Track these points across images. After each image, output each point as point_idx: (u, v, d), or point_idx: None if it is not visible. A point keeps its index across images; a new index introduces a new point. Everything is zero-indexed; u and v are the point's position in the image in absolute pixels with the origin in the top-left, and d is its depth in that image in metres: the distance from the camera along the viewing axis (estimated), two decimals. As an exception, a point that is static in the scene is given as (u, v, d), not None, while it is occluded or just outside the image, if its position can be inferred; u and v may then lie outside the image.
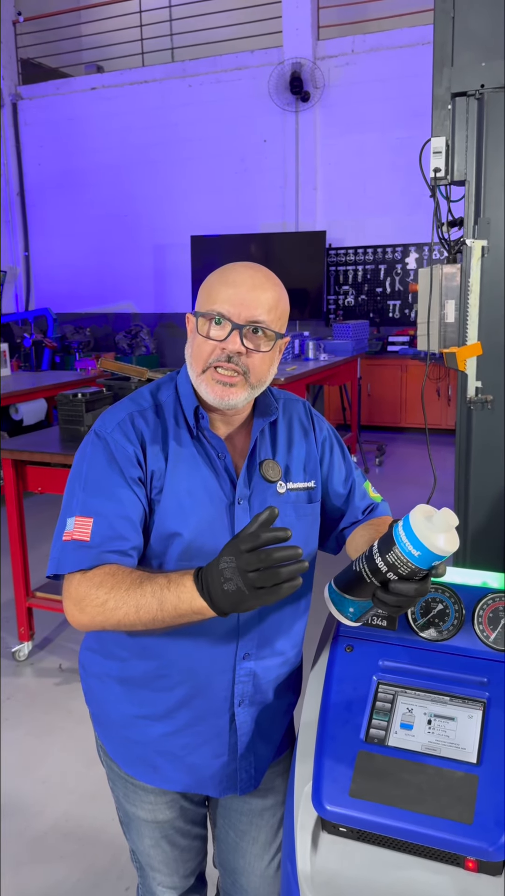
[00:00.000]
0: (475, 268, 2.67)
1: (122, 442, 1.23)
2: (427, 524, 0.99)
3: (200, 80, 8.99)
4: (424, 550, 0.98)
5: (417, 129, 4.86)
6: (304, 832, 1.13)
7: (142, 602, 1.09)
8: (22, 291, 10.44)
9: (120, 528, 1.18)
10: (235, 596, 0.99)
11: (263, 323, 1.22)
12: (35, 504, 5.16)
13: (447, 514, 0.99)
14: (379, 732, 1.15)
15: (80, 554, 1.17)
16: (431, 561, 0.99)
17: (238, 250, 8.35)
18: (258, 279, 1.23)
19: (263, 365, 1.24)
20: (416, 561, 0.99)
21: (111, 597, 1.11)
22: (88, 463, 1.24)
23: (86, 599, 1.13)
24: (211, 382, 1.23)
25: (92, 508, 1.19)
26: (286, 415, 1.39)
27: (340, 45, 8.32)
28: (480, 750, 1.11)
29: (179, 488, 1.24)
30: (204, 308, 1.23)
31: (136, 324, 9.74)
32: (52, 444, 3.47)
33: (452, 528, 0.99)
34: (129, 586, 1.11)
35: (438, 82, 2.64)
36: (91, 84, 9.65)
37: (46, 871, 2.28)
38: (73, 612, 1.16)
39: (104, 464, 1.22)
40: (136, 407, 1.28)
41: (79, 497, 1.22)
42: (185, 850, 1.48)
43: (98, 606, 1.12)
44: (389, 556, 1.01)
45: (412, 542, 0.99)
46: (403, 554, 1.00)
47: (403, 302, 8.66)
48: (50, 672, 3.41)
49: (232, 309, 1.20)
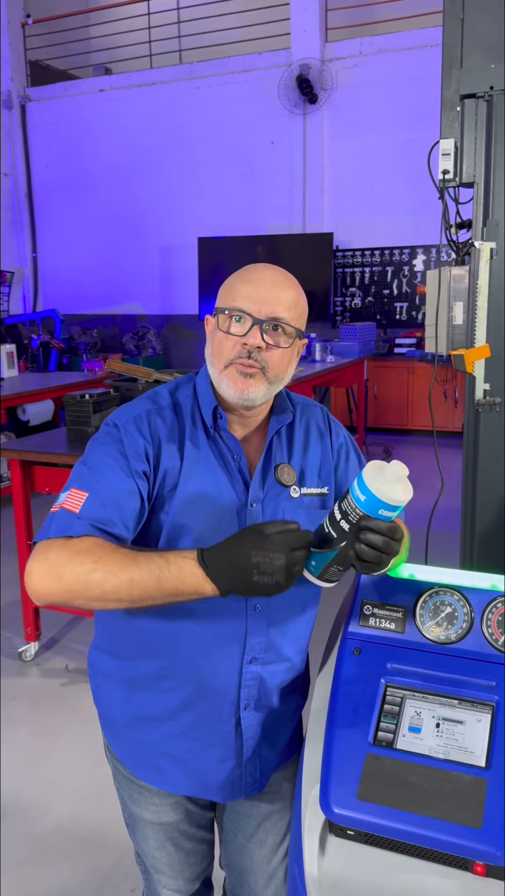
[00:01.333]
0: (484, 270, 2.67)
1: (135, 435, 1.23)
2: (376, 474, 1.05)
3: (208, 82, 9.00)
4: (368, 495, 1.04)
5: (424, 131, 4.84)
6: (311, 835, 1.13)
7: (136, 578, 1.07)
8: (29, 292, 10.47)
9: (112, 513, 1.17)
10: (269, 589, 1.05)
11: (282, 320, 1.23)
12: (42, 504, 5.15)
13: (396, 466, 1.06)
14: (387, 735, 1.14)
15: (67, 521, 1.15)
16: (378, 507, 1.04)
17: (245, 252, 8.35)
18: (279, 278, 1.26)
19: (281, 361, 1.25)
20: (361, 506, 1.05)
21: (99, 567, 1.08)
22: (99, 447, 1.24)
23: (66, 565, 1.09)
24: (234, 375, 1.23)
25: (88, 485, 1.18)
26: (303, 419, 1.39)
27: (347, 47, 8.32)
28: (489, 754, 1.10)
29: (193, 488, 1.24)
30: (225, 305, 1.24)
31: (143, 325, 9.75)
32: (59, 444, 3.47)
33: (401, 478, 1.05)
34: (122, 561, 1.09)
35: (446, 84, 2.64)
36: (99, 86, 9.68)
37: (51, 872, 2.28)
38: (46, 576, 1.10)
39: (113, 451, 1.22)
40: (154, 405, 1.29)
41: (80, 472, 1.21)
42: (191, 853, 1.47)
43: (82, 575, 1.08)
44: (342, 504, 1.08)
45: (361, 489, 1.05)
46: (353, 500, 1.06)
47: (409, 304, 8.64)
48: (56, 672, 3.41)
49: (253, 305, 1.22)
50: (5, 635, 3.75)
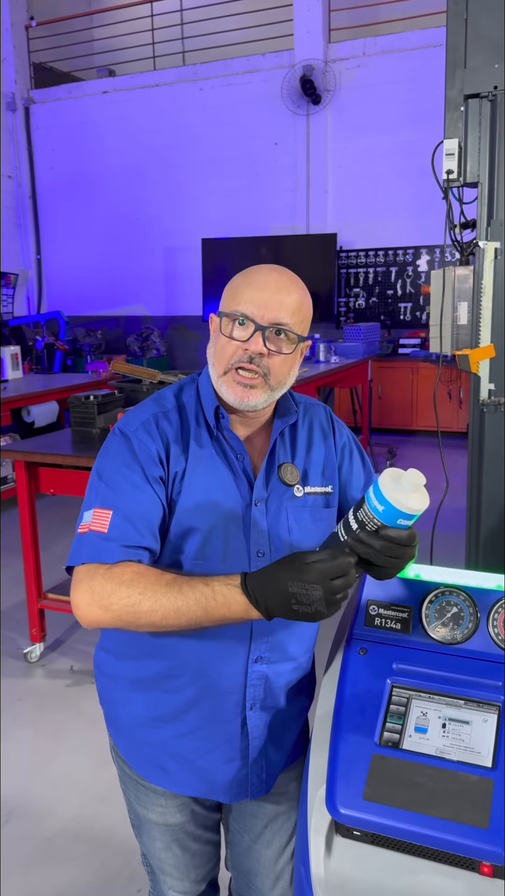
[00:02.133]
0: (488, 270, 2.66)
1: (146, 440, 1.23)
2: (393, 483, 1.04)
3: (212, 84, 9.01)
4: (387, 506, 1.03)
5: (428, 132, 4.84)
6: (317, 835, 1.13)
7: (183, 608, 1.10)
8: (34, 294, 10.49)
9: (138, 525, 1.18)
10: (311, 617, 1.05)
11: (286, 325, 1.23)
12: (47, 506, 5.17)
13: (413, 474, 1.05)
14: (393, 736, 1.14)
15: (99, 545, 1.17)
16: (396, 518, 1.04)
17: (249, 253, 8.36)
18: (283, 282, 1.25)
19: (283, 367, 1.25)
20: (380, 516, 1.04)
21: (146, 598, 1.11)
22: (111, 458, 1.24)
23: (113, 597, 1.12)
24: (232, 384, 1.23)
25: (111, 501, 1.19)
26: (306, 419, 1.39)
27: (351, 48, 8.33)
28: (495, 754, 1.10)
29: (197, 488, 1.24)
30: (228, 308, 1.24)
31: (147, 326, 9.76)
32: (64, 446, 3.48)
33: (418, 487, 1.04)
34: (166, 590, 1.11)
35: (450, 84, 2.64)
36: (103, 88, 9.69)
37: (56, 874, 2.28)
38: (93, 606, 1.14)
39: (127, 460, 1.22)
40: (160, 408, 1.29)
41: (99, 490, 1.22)
42: (197, 854, 1.47)
43: (130, 606, 1.11)
44: (359, 514, 1.07)
45: (378, 498, 1.04)
46: (370, 510, 1.05)
47: (413, 304, 8.64)
48: (61, 673, 3.41)
49: (256, 311, 1.21)
50: (10, 636, 3.76)
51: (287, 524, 1.29)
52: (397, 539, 1.05)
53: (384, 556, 1.06)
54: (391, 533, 1.04)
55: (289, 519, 1.29)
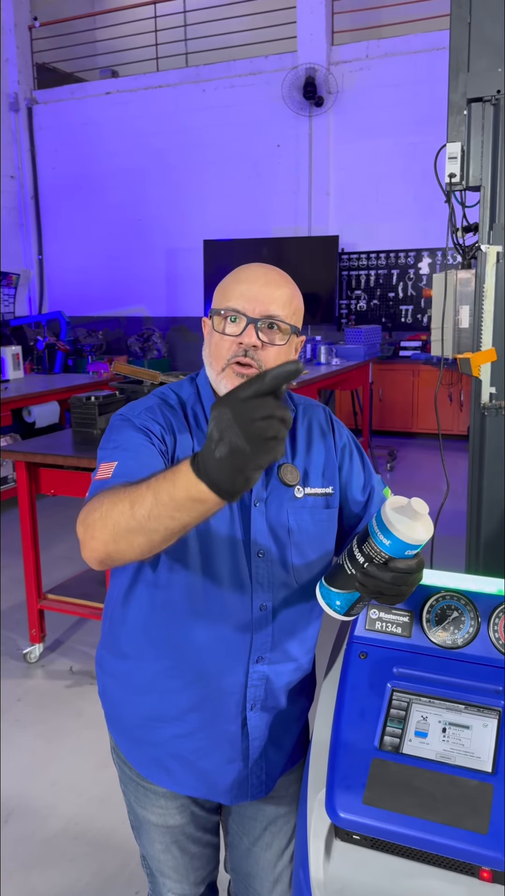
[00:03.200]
0: (490, 273, 2.67)
1: (150, 423, 1.24)
2: (396, 515, 1.02)
3: (215, 85, 9.02)
4: (393, 539, 1.02)
5: (430, 135, 4.85)
6: (317, 839, 1.13)
7: (136, 496, 0.97)
8: (35, 294, 10.50)
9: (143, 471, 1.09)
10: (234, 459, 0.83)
11: (277, 317, 1.23)
12: (48, 506, 5.17)
13: (416, 503, 1.02)
14: (393, 740, 1.14)
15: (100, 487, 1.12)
16: (403, 550, 1.03)
17: (251, 254, 8.36)
18: (271, 276, 1.26)
19: (278, 359, 1.24)
20: (387, 550, 1.03)
21: (106, 499, 1.02)
22: (116, 432, 1.24)
23: (89, 517, 1.04)
24: (231, 377, 1.24)
25: (116, 457, 1.17)
26: (305, 419, 1.38)
27: (354, 51, 8.33)
28: (496, 759, 1.10)
29: None
30: (219, 306, 1.25)
31: (149, 327, 9.76)
32: (64, 446, 3.48)
33: (421, 516, 1.02)
34: (125, 487, 1.02)
35: (453, 88, 2.64)
36: (106, 88, 9.70)
37: (56, 875, 2.28)
38: (83, 537, 1.06)
39: (132, 431, 1.22)
40: (163, 401, 1.30)
41: (104, 454, 1.21)
42: (196, 857, 1.47)
43: (99, 519, 1.02)
44: (364, 548, 1.05)
45: (383, 532, 1.03)
46: (377, 544, 1.04)
47: (415, 307, 8.64)
48: (61, 674, 3.41)
49: (246, 304, 1.22)
50: (10, 637, 3.76)
51: (287, 525, 1.29)
52: (406, 569, 1.04)
53: (395, 587, 1.05)
54: (400, 565, 1.03)
55: (289, 520, 1.29)
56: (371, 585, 1.05)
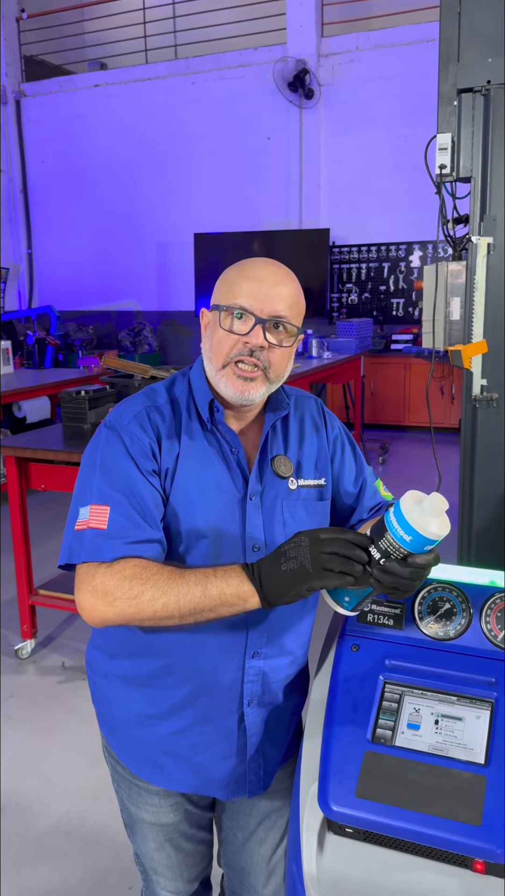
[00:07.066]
0: (481, 265, 2.66)
1: (138, 434, 1.22)
2: (418, 509, 1.01)
3: (204, 78, 8.97)
4: (415, 535, 1.00)
5: (421, 127, 4.84)
6: (309, 833, 1.12)
7: (184, 590, 1.09)
8: (25, 289, 10.44)
9: (137, 518, 1.17)
10: (295, 575, 1.03)
11: (284, 318, 1.22)
12: (38, 502, 5.15)
13: (437, 499, 1.01)
14: (386, 732, 1.14)
15: (99, 543, 1.15)
16: (424, 545, 1.02)
17: (241, 248, 8.33)
18: (280, 275, 1.24)
19: (282, 360, 1.24)
20: (408, 546, 1.02)
21: (147, 588, 1.10)
22: (102, 453, 1.22)
23: (116, 592, 1.11)
24: (232, 377, 1.22)
25: (108, 497, 1.18)
26: (298, 411, 1.38)
27: (344, 43, 8.30)
28: (488, 751, 1.09)
29: (191, 483, 1.23)
30: (225, 302, 1.22)
31: (140, 321, 9.73)
32: (55, 441, 3.46)
33: (442, 511, 1.01)
34: (169, 578, 1.10)
35: (443, 79, 2.63)
36: (94, 81, 9.64)
37: (49, 870, 2.27)
38: (97, 605, 1.13)
39: (119, 455, 1.20)
40: (152, 402, 1.27)
41: (93, 485, 1.20)
42: (190, 854, 1.46)
43: (131, 599, 1.10)
44: (381, 543, 1.03)
45: (403, 528, 1.01)
46: (396, 540, 1.02)
47: (406, 300, 8.64)
48: (52, 670, 3.40)
49: (255, 303, 1.20)
50: (2, 633, 3.74)
51: (282, 518, 1.28)
52: (425, 564, 1.03)
53: (411, 582, 1.04)
54: (419, 560, 1.03)
55: (284, 512, 1.29)
56: (387, 581, 1.04)
